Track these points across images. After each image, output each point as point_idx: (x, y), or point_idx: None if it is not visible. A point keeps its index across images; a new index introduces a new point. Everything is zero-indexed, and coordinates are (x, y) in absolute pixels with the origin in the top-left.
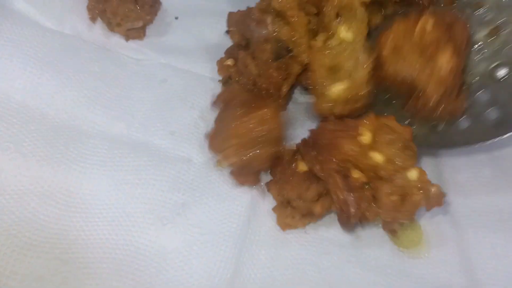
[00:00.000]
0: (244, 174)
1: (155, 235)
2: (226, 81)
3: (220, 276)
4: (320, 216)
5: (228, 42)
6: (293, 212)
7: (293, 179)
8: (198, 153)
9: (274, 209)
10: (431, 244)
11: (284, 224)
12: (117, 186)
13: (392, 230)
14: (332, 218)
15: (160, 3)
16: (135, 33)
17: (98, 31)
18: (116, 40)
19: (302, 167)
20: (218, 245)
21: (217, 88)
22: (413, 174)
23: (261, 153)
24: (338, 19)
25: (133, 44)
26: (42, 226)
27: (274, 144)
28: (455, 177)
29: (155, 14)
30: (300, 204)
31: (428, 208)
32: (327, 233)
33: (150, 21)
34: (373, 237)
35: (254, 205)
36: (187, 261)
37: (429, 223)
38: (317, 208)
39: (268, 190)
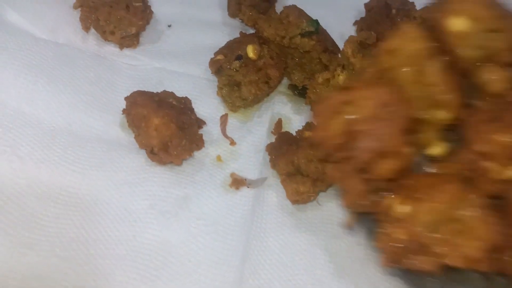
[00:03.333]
0: None
1: (158, 229)
2: (217, 71)
3: (228, 263)
4: (331, 180)
5: (219, 46)
6: (303, 179)
7: (302, 144)
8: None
9: (282, 181)
10: None
11: (296, 193)
12: (116, 187)
13: None
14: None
15: (151, 10)
16: (129, 41)
17: (91, 42)
18: (110, 49)
19: (308, 134)
20: (224, 235)
21: (212, 87)
22: None
23: None
24: (340, 69)
25: (127, 51)
26: (40, 225)
27: None
28: None
29: (147, 21)
30: (311, 167)
31: None
32: (336, 218)
33: (143, 28)
34: None
35: (258, 196)
36: (193, 252)
37: None
38: (329, 168)
39: (273, 167)
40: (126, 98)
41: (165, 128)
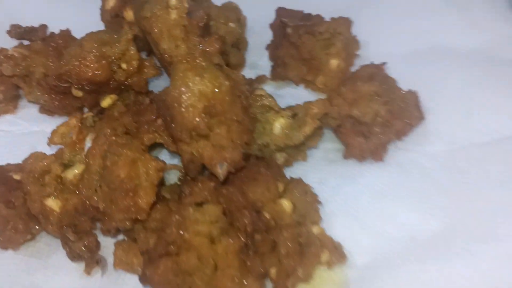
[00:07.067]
0: None
1: None
2: None
3: None
4: None
5: None
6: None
7: None
8: None
9: (115, 243)
10: None
11: (120, 262)
12: None
13: None
14: None
15: None
16: (4, 107)
17: None
18: None
19: None
20: None
21: None
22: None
23: None
24: None
25: (8, 117)
26: None
27: None
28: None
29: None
30: (141, 236)
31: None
32: None
33: (11, 90)
34: None
35: (115, 280)
36: None
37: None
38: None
39: None
40: None
41: None
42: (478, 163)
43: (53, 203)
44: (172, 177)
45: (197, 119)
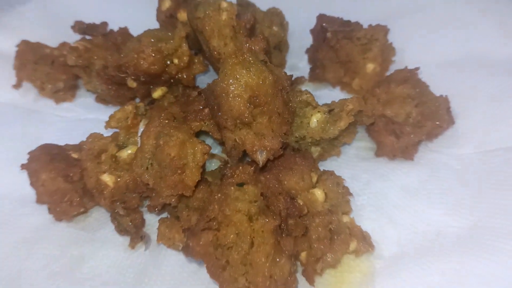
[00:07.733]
0: None
1: None
2: None
3: None
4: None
5: None
6: (173, 223)
7: None
8: None
9: (160, 219)
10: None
11: (162, 236)
12: (14, 245)
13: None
14: None
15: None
16: (63, 95)
17: (31, 97)
18: (49, 103)
19: None
20: None
21: None
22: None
23: None
24: None
25: (66, 104)
26: None
27: None
28: None
29: (72, 71)
30: (184, 214)
31: (358, 255)
32: None
33: (71, 81)
34: None
35: (157, 254)
36: None
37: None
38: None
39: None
40: (30, 153)
41: (51, 183)
42: (504, 165)
43: (108, 178)
44: (214, 167)
45: (243, 108)
